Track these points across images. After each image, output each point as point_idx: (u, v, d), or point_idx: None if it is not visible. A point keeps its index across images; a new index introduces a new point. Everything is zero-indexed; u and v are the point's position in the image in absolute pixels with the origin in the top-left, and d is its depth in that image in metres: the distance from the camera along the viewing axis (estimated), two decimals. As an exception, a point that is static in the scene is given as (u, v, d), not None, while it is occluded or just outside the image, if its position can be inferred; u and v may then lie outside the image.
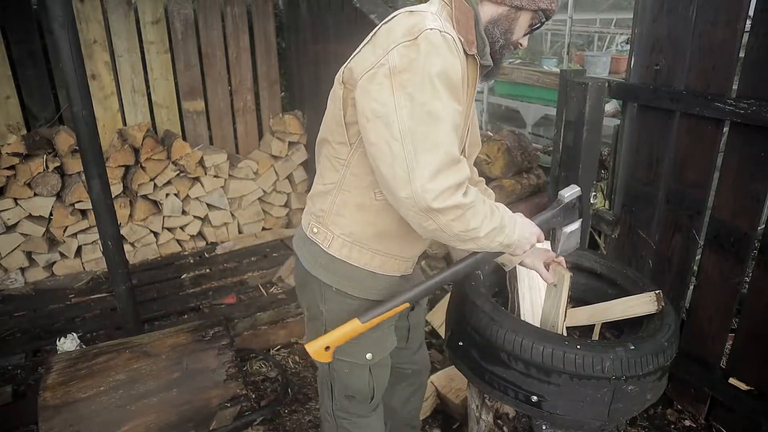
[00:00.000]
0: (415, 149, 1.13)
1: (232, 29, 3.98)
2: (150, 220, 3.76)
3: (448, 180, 1.14)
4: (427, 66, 1.13)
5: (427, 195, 1.12)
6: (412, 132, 1.13)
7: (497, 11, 1.28)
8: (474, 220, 1.20)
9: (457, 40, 1.21)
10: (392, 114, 1.14)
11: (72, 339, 2.75)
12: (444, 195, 1.14)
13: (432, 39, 1.15)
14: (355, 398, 1.57)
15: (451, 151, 1.15)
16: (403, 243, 1.41)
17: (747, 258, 2.01)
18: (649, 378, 1.45)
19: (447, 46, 1.16)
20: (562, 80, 2.40)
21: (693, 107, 2.04)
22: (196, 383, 2.22)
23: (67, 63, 2.21)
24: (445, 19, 1.23)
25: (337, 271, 1.40)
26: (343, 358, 1.48)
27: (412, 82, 1.13)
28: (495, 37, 1.28)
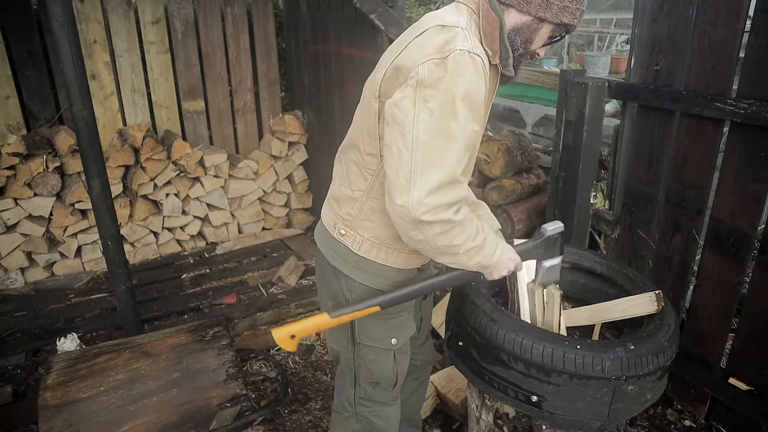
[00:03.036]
0: (422, 163, 1.18)
1: (232, 29, 3.98)
2: (150, 220, 3.76)
3: (445, 197, 1.19)
4: (452, 87, 1.17)
5: (420, 208, 1.18)
6: (424, 147, 1.18)
7: (521, 20, 1.30)
8: (459, 237, 1.25)
9: (484, 58, 1.24)
10: (410, 124, 1.19)
11: (72, 339, 2.75)
12: (436, 210, 1.19)
13: (460, 61, 1.19)
14: (380, 384, 1.61)
15: (454, 172, 1.20)
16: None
17: (747, 258, 2.01)
18: (649, 378, 1.45)
19: (474, 69, 1.20)
20: (562, 80, 2.40)
21: (693, 107, 2.04)
22: (196, 383, 2.21)
23: (67, 63, 2.21)
24: (473, 33, 1.27)
25: (367, 270, 1.48)
26: (370, 343, 1.54)
27: (435, 100, 1.18)
28: (516, 45, 1.31)
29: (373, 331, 1.53)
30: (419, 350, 1.82)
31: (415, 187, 1.18)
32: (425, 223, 1.20)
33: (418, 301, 1.71)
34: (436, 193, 1.18)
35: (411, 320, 1.60)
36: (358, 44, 3.23)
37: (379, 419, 1.65)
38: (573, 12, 1.28)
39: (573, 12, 1.28)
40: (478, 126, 1.24)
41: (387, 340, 1.54)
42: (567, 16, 1.28)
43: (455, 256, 1.30)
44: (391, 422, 1.69)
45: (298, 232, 4.31)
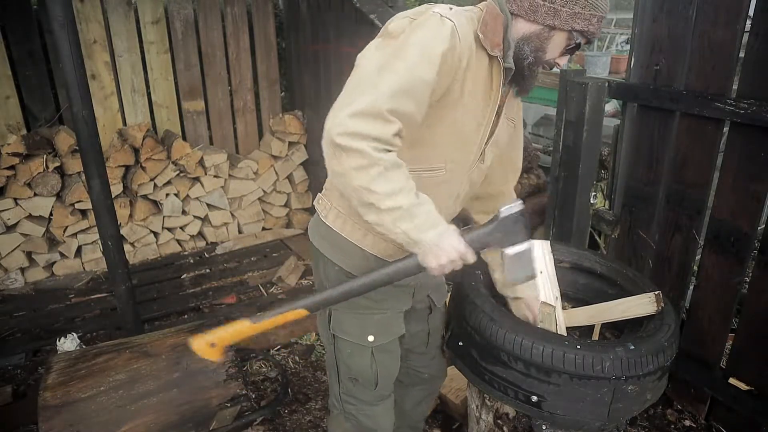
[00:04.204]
0: (356, 89, 1.14)
1: (232, 29, 3.98)
2: (150, 220, 3.76)
3: (364, 126, 1.08)
4: (411, 36, 1.17)
5: (337, 128, 1.08)
6: (364, 75, 1.16)
7: (530, 29, 1.26)
8: (379, 183, 1.09)
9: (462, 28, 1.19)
10: (363, 63, 1.19)
11: (72, 339, 2.75)
12: (352, 136, 1.07)
13: (429, 18, 1.19)
14: (358, 381, 1.55)
15: (381, 104, 1.09)
16: None
17: (747, 258, 2.01)
18: (649, 378, 1.44)
19: (438, 26, 1.17)
20: (562, 80, 2.40)
21: (693, 107, 2.04)
22: (196, 383, 2.21)
23: (67, 63, 2.21)
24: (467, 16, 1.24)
25: (332, 242, 1.43)
26: (344, 337, 1.49)
27: (393, 46, 1.17)
28: (524, 53, 1.27)
29: (346, 325, 1.48)
30: (430, 363, 1.78)
31: (342, 108, 1.10)
32: (340, 148, 1.08)
33: (425, 312, 1.66)
34: (357, 117, 1.08)
35: (397, 320, 1.52)
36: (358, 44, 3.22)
37: (367, 418, 1.61)
38: (587, 18, 1.23)
39: (587, 18, 1.23)
40: (430, 78, 1.15)
41: (362, 336, 1.48)
42: (579, 22, 1.23)
43: (378, 213, 1.12)
44: (380, 423, 1.63)
45: (298, 232, 4.31)
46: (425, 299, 1.64)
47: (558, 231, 2.54)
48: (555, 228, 2.56)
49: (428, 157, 1.31)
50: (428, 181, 1.32)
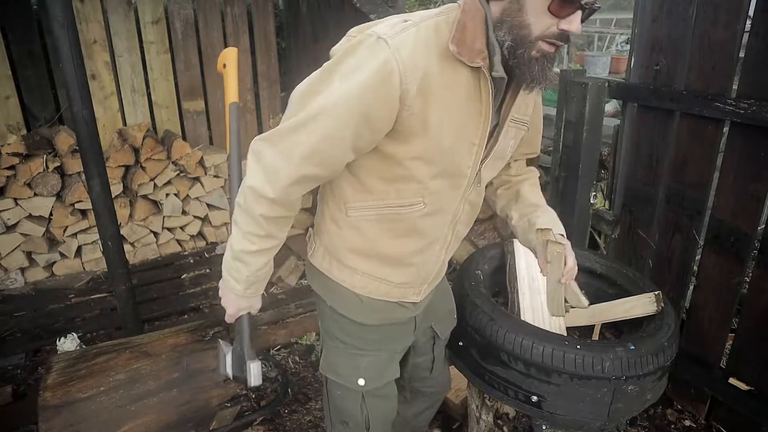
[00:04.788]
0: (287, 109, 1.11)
1: (232, 29, 3.98)
2: (150, 220, 3.76)
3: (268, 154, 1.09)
4: (340, 63, 1.05)
5: (254, 141, 1.12)
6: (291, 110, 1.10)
7: (497, 9, 1.05)
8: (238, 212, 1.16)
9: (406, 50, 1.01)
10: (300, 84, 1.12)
11: (72, 339, 2.75)
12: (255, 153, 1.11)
13: (363, 41, 1.04)
14: (348, 425, 1.46)
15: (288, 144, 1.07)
16: (385, 266, 1.29)
17: (747, 258, 2.01)
18: (649, 378, 1.45)
19: (371, 55, 1.01)
20: (562, 80, 2.40)
21: (693, 107, 2.04)
22: (196, 383, 2.21)
23: (67, 63, 2.20)
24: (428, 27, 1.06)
25: (321, 282, 1.36)
26: (334, 378, 1.41)
27: (322, 69, 1.08)
28: (501, 39, 1.05)
29: (336, 365, 1.39)
30: (435, 382, 1.69)
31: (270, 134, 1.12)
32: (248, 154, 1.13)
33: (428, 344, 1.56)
34: (266, 141, 1.10)
35: (390, 363, 1.42)
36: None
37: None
38: None
39: None
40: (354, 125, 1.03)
41: (353, 379, 1.37)
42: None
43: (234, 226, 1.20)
44: None
45: (298, 233, 4.30)
46: (428, 331, 1.55)
47: (558, 231, 2.54)
48: (555, 228, 2.56)
49: (401, 191, 1.18)
50: (408, 215, 1.21)
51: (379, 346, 1.38)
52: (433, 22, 1.07)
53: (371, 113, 1.03)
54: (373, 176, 1.17)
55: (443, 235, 1.30)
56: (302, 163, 1.07)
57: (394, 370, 1.44)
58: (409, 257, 1.28)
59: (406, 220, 1.21)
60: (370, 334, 1.35)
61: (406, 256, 1.27)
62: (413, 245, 1.26)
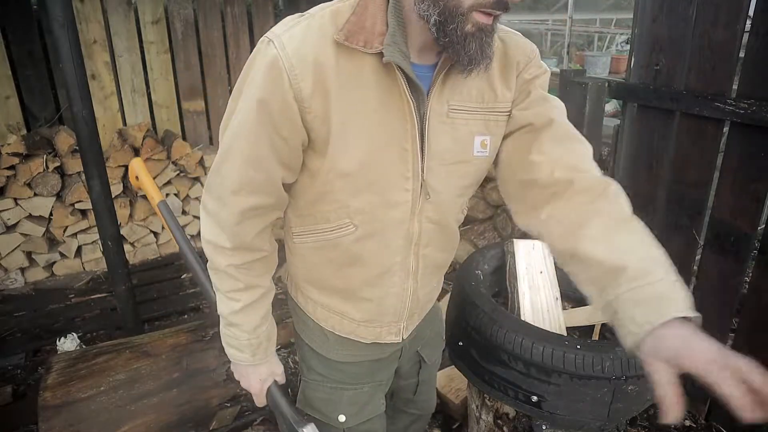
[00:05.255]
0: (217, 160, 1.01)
1: (232, 29, 3.98)
2: (150, 220, 3.76)
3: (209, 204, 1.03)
4: (242, 76, 0.96)
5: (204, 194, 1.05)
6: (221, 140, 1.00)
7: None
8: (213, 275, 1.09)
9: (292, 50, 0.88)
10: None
11: (72, 339, 2.75)
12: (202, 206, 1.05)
13: (258, 48, 0.93)
14: None
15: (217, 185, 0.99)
16: (339, 300, 1.15)
17: (747, 258, 2.01)
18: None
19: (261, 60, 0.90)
20: (562, 80, 2.40)
21: (693, 107, 2.04)
22: (196, 383, 2.21)
23: (67, 63, 2.21)
24: (323, 16, 0.91)
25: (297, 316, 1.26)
26: (313, 414, 1.26)
27: (236, 88, 0.98)
28: (424, 12, 0.85)
29: (315, 402, 1.25)
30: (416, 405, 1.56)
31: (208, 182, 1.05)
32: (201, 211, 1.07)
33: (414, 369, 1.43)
34: (205, 189, 1.04)
35: (374, 397, 1.27)
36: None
37: None
38: None
39: None
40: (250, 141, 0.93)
41: (333, 415, 1.23)
42: None
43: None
44: None
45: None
46: (414, 356, 1.41)
47: (558, 231, 2.54)
48: (555, 228, 2.56)
49: (325, 212, 1.04)
50: (340, 240, 1.05)
51: (360, 379, 1.24)
52: (333, 9, 0.92)
53: (275, 121, 0.91)
54: (302, 197, 1.05)
55: (399, 263, 1.08)
56: (236, 198, 0.97)
57: (378, 404, 1.29)
58: (360, 290, 1.11)
59: (340, 247, 1.06)
60: (349, 368, 1.22)
61: (356, 288, 1.11)
62: (359, 275, 1.09)
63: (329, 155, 0.95)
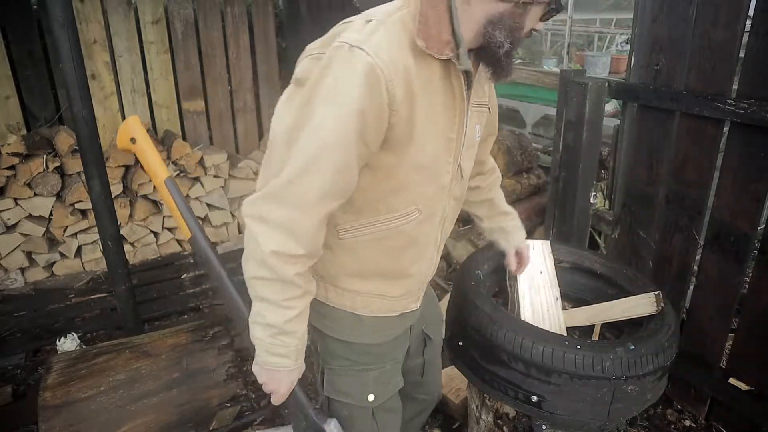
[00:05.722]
0: (265, 162, 1.06)
1: (232, 29, 3.98)
2: (150, 220, 3.76)
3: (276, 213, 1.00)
4: (317, 87, 0.98)
5: (248, 208, 1.03)
6: (272, 146, 1.05)
7: (497, 8, 1.02)
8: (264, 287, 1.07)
9: (384, 52, 0.96)
10: (274, 125, 1.07)
11: (72, 339, 2.75)
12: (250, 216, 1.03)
13: (334, 55, 0.97)
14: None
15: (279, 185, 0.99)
16: (385, 283, 1.25)
17: (747, 258, 2.01)
18: (649, 378, 1.44)
19: (349, 66, 0.95)
20: (562, 80, 2.40)
21: (693, 107, 2.04)
22: (196, 383, 2.21)
23: (67, 63, 2.21)
24: (394, 23, 1.01)
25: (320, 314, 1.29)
26: (341, 399, 1.32)
27: (299, 101, 1.01)
28: (497, 41, 1.03)
29: (343, 386, 1.31)
30: (427, 389, 1.65)
31: (259, 181, 1.07)
32: (247, 228, 1.04)
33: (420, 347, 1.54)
34: (267, 201, 1.01)
35: (396, 373, 1.38)
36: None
37: None
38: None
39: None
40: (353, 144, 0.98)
41: (362, 396, 1.31)
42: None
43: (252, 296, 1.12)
44: None
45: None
46: (419, 335, 1.52)
47: (558, 231, 2.54)
48: (555, 228, 2.56)
49: (391, 204, 1.14)
50: (404, 227, 1.16)
51: (384, 358, 1.34)
52: (398, 17, 1.02)
53: (366, 129, 0.98)
54: (362, 194, 1.11)
55: (433, 237, 1.26)
56: (320, 205, 1.01)
57: (399, 379, 1.41)
58: (408, 268, 1.25)
59: (400, 233, 1.17)
60: (375, 348, 1.31)
61: (405, 268, 1.24)
62: (411, 255, 1.23)
63: (410, 152, 1.06)
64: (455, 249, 3.24)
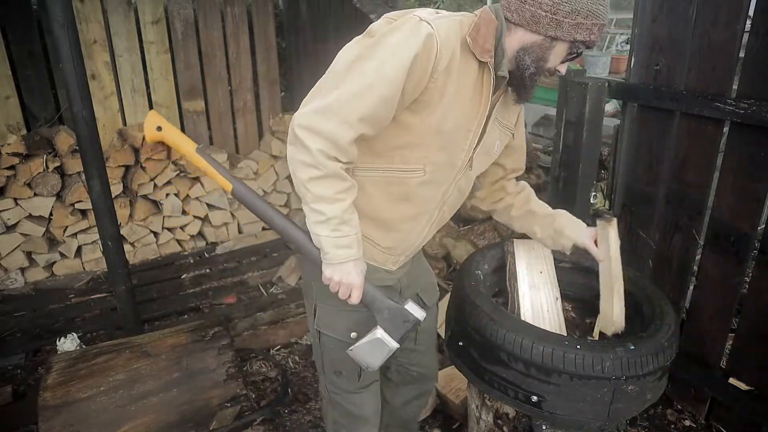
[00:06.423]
0: (325, 84, 1.20)
1: (232, 29, 3.98)
2: (150, 220, 3.76)
3: (324, 126, 1.15)
4: (387, 36, 1.18)
5: (301, 118, 1.18)
6: (337, 75, 1.19)
7: (530, 39, 1.26)
8: (315, 184, 1.20)
9: (442, 32, 1.19)
10: (338, 59, 1.23)
11: (72, 339, 2.75)
12: (309, 130, 1.16)
13: (407, 21, 1.20)
14: (342, 374, 1.59)
15: (343, 105, 1.15)
16: (376, 228, 1.41)
17: (747, 258, 2.01)
18: (649, 378, 1.45)
19: (416, 29, 1.17)
20: (562, 80, 2.39)
21: (693, 107, 2.04)
22: (196, 383, 2.22)
23: (67, 63, 2.21)
24: (455, 20, 1.25)
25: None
26: (329, 333, 1.53)
27: (368, 44, 1.20)
28: (525, 64, 1.27)
29: (331, 322, 1.51)
30: (420, 360, 1.77)
31: (310, 101, 1.19)
32: (297, 138, 1.18)
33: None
34: (319, 114, 1.16)
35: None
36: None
37: (353, 406, 1.65)
38: (588, 28, 1.22)
39: (588, 28, 1.22)
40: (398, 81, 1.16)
41: (346, 333, 1.50)
42: (582, 33, 1.23)
43: (307, 207, 1.24)
44: (365, 407, 1.66)
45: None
46: (414, 298, 1.59)
47: (558, 231, 2.53)
48: (555, 228, 2.56)
49: (405, 157, 1.32)
50: (408, 180, 1.34)
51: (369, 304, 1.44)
52: (458, 18, 1.27)
53: (411, 77, 1.18)
54: (383, 141, 1.29)
55: (431, 210, 1.43)
56: (359, 125, 1.18)
57: None
58: (400, 223, 1.41)
59: (405, 185, 1.34)
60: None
61: (397, 220, 1.40)
62: (406, 211, 1.39)
63: (432, 118, 1.26)
64: (455, 249, 3.24)
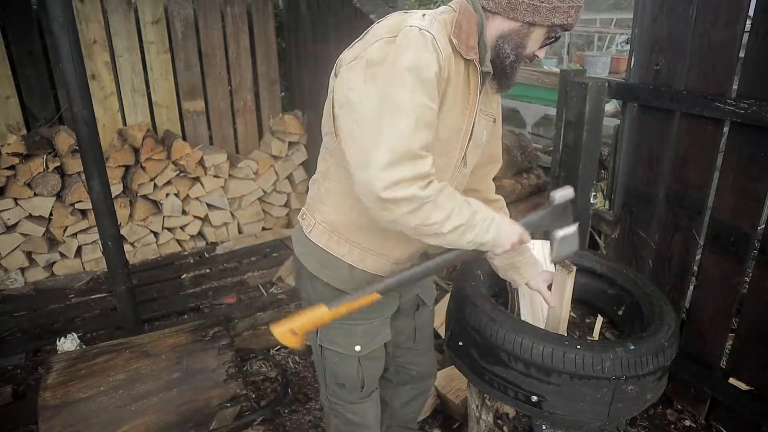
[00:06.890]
0: (372, 138, 1.14)
1: (232, 29, 3.98)
2: (150, 220, 3.76)
3: (402, 172, 1.12)
4: (399, 59, 1.14)
5: (378, 183, 1.12)
6: (374, 121, 1.14)
7: (508, 26, 1.24)
8: (434, 214, 1.18)
9: (440, 39, 1.18)
10: (360, 102, 1.17)
11: (72, 339, 2.75)
12: (396, 187, 1.12)
13: (409, 34, 1.17)
14: (345, 386, 1.60)
15: (408, 144, 1.13)
16: (386, 240, 1.40)
17: (747, 258, 2.01)
18: (649, 378, 1.45)
19: (423, 42, 1.15)
20: (562, 80, 2.40)
21: (693, 107, 2.04)
22: (196, 383, 2.22)
23: (67, 63, 2.21)
24: (440, 21, 1.22)
25: (318, 258, 1.44)
26: (332, 348, 1.52)
27: (383, 75, 1.15)
28: (505, 52, 1.26)
29: (334, 337, 1.51)
30: (418, 360, 1.79)
31: (371, 163, 1.13)
32: (388, 202, 1.13)
33: (411, 309, 1.68)
34: (392, 167, 1.12)
35: (383, 328, 1.55)
36: (358, 44, 3.23)
37: (354, 415, 1.66)
38: (566, 11, 1.21)
39: (566, 11, 1.21)
40: (432, 102, 1.17)
41: (350, 347, 1.51)
42: (559, 16, 1.21)
43: (441, 237, 1.22)
44: (367, 417, 1.68)
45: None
46: (413, 299, 1.67)
47: (558, 231, 2.53)
48: (555, 228, 2.56)
49: None
50: None
51: (369, 315, 1.47)
52: (441, 19, 1.24)
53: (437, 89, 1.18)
54: None
55: None
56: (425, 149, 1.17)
57: (386, 333, 1.57)
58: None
59: None
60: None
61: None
62: None
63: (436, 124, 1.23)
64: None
